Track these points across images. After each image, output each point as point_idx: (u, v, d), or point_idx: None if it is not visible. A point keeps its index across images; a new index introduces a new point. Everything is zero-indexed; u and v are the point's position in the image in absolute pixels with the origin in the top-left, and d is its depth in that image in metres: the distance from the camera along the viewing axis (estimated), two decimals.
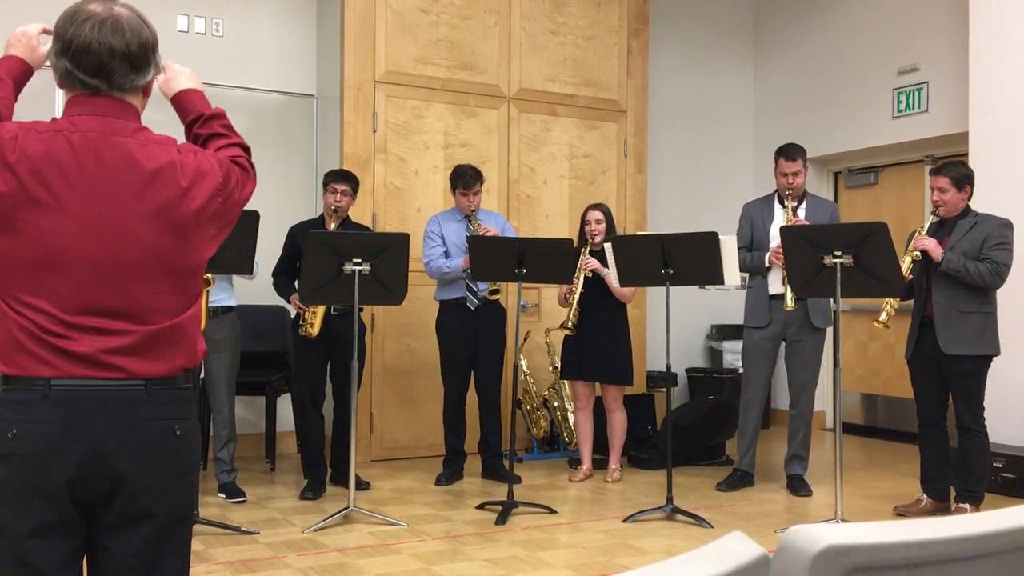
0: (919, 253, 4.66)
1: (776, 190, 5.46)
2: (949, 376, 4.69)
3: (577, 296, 5.47)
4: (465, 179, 5.45)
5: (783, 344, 5.44)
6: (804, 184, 5.38)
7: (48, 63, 1.83)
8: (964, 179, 4.70)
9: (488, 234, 5.27)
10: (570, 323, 5.48)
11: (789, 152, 5.34)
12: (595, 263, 5.47)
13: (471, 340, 5.51)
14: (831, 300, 5.23)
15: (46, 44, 1.89)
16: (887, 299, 4.71)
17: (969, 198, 4.75)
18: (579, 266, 5.46)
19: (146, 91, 1.87)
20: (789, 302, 5.07)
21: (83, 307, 1.74)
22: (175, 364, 1.82)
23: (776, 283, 5.25)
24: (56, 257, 1.72)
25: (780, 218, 5.32)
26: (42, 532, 1.71)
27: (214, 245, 1.89)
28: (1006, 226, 4.66)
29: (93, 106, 1.78)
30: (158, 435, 1.78)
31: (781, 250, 5.07)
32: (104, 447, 1.72)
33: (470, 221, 5.47)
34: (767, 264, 5.28)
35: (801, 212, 5.32)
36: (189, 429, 1.84)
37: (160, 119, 2.35)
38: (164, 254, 1.79)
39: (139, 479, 1.75)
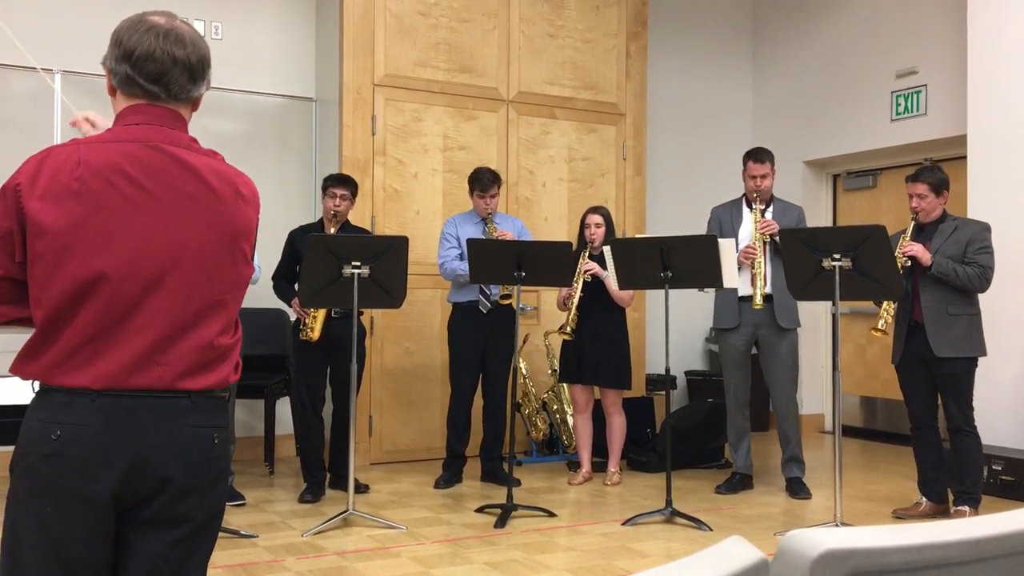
0: (907, 260, 4.69)
1: (743, 193, 5.51)
2: (938, 377, 4.73)
3: (576, 300, 5.47)
4: (482, 181, 5.49)
5: (758, 347, 5.48)
6: (772, 187, 5.43)
7: (103, 68, 1.87)
8: (941, 184, 4.78)
9: (504, 238, 5.29)
10: (569, 328, 5.47)
11: (757, 155, 5.42)
12: (595, 266, 5.46)
13: (481, 343, 5.52)
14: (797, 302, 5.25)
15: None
16: (884, 306, 4.73)
17: (945, 202, 4.79)
18: (578, 270, 5.45)
19: (195, 105, 1.92)
20: (758, 299, 5.13)
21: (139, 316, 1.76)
22: (223, 375, 1.86)
23: (746, 284, 5.28)
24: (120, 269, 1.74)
25: (749, 220, 5.38)
26: (84, 535, 1.72)
27: (250, 261, 1.94)
28: (986, 230, 4.75)
29: (149, 115, 1.83)
30: (196, 441, 1.80)
31: (751, 250, 5.15)
32: (149, 453, 1.74)
33: (487, 224, 5.48)
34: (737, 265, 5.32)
35: (768, 215, 5.38)
36: (225, 437, 1.88)
37: None
38: (219, 264, 1.83)
39: (185, 481, 1.77)
